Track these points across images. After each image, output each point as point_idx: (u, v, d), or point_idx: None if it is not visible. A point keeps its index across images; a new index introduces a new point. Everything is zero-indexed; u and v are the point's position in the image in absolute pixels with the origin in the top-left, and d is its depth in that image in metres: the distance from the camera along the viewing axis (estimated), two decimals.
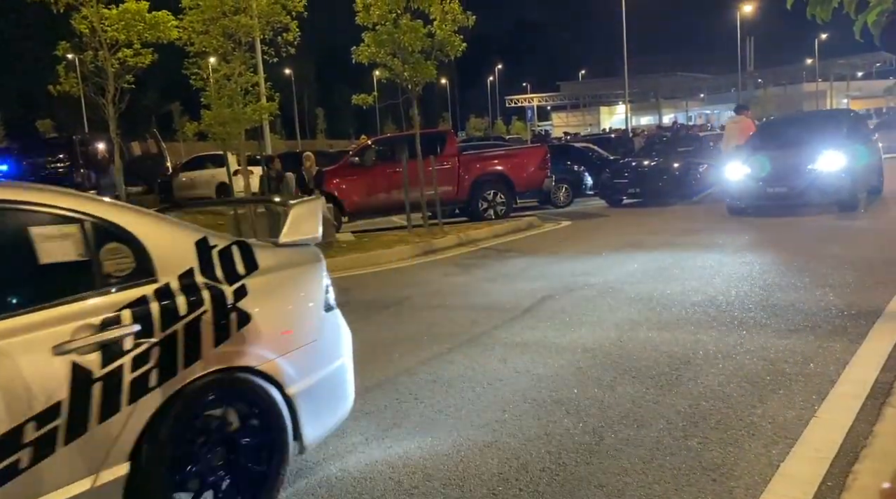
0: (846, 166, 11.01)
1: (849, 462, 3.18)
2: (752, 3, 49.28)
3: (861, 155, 11.51)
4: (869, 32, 2.55)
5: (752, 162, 11.73)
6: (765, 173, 11.41)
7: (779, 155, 11.76)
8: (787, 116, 20.83)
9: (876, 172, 12.84)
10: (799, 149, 11.63)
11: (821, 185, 10.96)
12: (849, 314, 5.51)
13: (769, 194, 11.48)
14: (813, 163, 11.18)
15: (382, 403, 4.45)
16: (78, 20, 10.88)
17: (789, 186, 11.25)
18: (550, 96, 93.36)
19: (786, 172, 11.31)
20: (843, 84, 73.70)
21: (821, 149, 11.30)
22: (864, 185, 11.70)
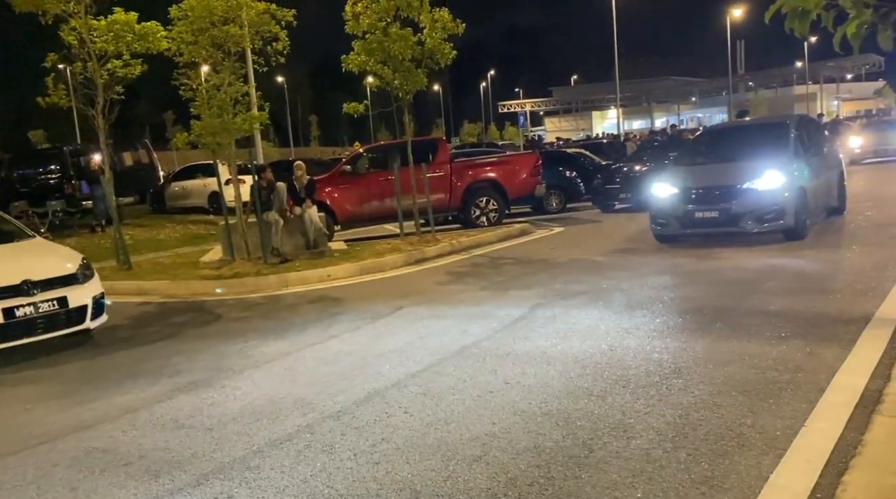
0: (791, 185, 9.10)
1: (838, 472, 3.16)
2: (741, 7, 49.50)
3: (812, 170, 9.78)
4: (849, 44, 2.54)
5: (680, 179, 9.88)
6: (693, 193, 9.49)
7: (710, 171, 10.01)
8: (729, 124, 18.26)
9: (834, 189, 11.06)
10: (734, 164, 9.80)
11: (759, 208, 9.01)
12: None
13: (697, 220, 9.40)
14: (750, 181, 9.19)
15: (371, 417, 4.41)
16: (66, 31, 10.83)
17: (721, 210, 9.19)
18: (543, 102, 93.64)
19: (717, 193, 9.30)
20: (833, 86, 74.09)
21: (760, 164, 9.39)
22: (818, 206, 9.98)
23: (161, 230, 17.80)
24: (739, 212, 9.07)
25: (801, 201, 9.20)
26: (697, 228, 9.56)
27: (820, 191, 10.06)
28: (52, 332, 6.76)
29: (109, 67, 10.87)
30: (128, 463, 4.05)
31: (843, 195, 11.54)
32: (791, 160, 9.57)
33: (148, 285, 10.23)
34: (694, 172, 10.14)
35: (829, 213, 10.89)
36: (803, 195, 9.26)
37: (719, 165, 10.08)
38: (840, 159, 12.00)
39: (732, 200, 9.16)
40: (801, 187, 9.26)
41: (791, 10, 2.43)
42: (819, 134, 11.82)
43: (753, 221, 9.06)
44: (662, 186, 9.88)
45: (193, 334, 7.30)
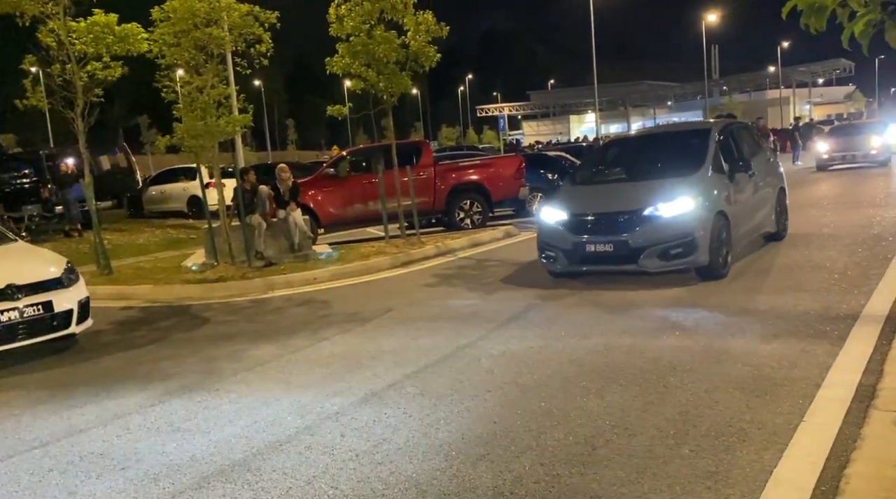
0: (706, 210, 7.30)
1: (840, 466, 3.21)
2: (716, 12, 50.23)
3: (739, 190, 8.10)
4: (857, 42, 2.59)
5: (571, 202, 8.08)
6: (585, 221, 7.69)
7: (609, 192, 8.27)
8: (644, 132, 14.29)
9: (771, 211, 9.17)
10: (638, 183, 8.04)
11: (663, 241, 7.16)
12: None
13: (589, 255, 7.57)
14: (652, 206, 7.31)
15: (371, 418, 4.39)
16: (45, 33, 10.66)
17: (616, 243, 7.35)
18: (521, 106, 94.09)
19: (613, 221, 7.48)
20: (806, 90, 75.40)
21: (668, 183, 7.59)
22: (746, 233, 8.26)
23: (140, 235, 17.58)
24: (638, 245, 7.20)
25: (720, 231, 7.36)
26: (589, 265, 7.69)
27: (749, 215, 8.34)
28: (37, 337, 6.64)
29: (89, 69, 10.73)
30: (125, 467, 3.99)
31: (784, 217, 9.68)
32: (708, 178, 7.71)
33: (130, 290, 10.09)
34: (589, 194, 8.31)
35: (766, 238, 9.22)
36: (723, 223, 7.45)
37: (620, 185, 8.38)
38: (781, 174, 9.98)
39: (630, 230, 7.26)
40: (721, 213, 7.47)
41: (807, 6, 2.46)
42: (753, 144, 9.52)
43: (656, 257, 7.18)
44: (551, 210, 8.03)
45: (181, 338, 7.22)
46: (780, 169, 10.16)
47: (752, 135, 10.00)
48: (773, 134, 32.19)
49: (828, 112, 67.23)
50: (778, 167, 10.14)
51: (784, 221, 9.70)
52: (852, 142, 22.74)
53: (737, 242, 7.90)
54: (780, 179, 9.84)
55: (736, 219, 7.82)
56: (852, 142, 22.74)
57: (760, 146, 9.91)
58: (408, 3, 11.53)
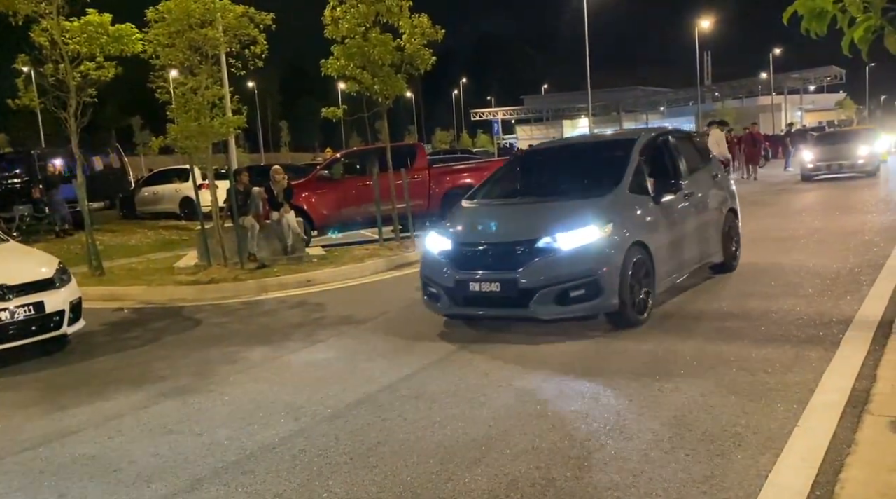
0: (617, 241, 5.91)
1: (835, 471, 3.22)
2: (709, 19, 50.51)
3: (666, 213, 6.65)
4: (857, 48, 2.61)
5: (459, 227, 6.65)
6: (469, 252, 6.20)
7: (503, 216, 6.76)
8: (562, 142, 11.44)
9: (715, 238, 7.66)
10: (538, 206, 6.69)
11: (559, 280, 5.76)
12: None
13: (472, 295, 6.06)
14: (549, 235, 5.90)
15: (366, 420, 4.38)
16: (38, 33, 10.61)
17: (504, 282, 5.87)
18: (515, 110, 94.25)
19: (501, 253, 6.02)
20: (797, 97, 75.84)
21: (571, 207, 6.25)
22: (673, 267, 6.68)
23: (132, 236, 17.49)
24: (530, 286, 5.73)
25: (638, 266, 5.99)
26: (472, 308, 6.20)
27: (682, 245, 6.90)
28: (28, 338, 6.59)
29: (82, 69, 10.68)
30: (117, 469, 3.96)
31: (735, 244, 8.14)
32: (624, 201, 6.34)
33: (122, 291, 10.03)
34: (483, 216, 6.81)
35: (714, 269, 7.87)
36: (642, 256, 6.07)
37: (521, 206, 6.94)
38: (731, 192, 8.40)
39: (521, 265, 5.80)
40: (640, 244, 6.09)
41: (808, 10, 2.48)
42: (695, 158, 7.97)
43: (551, 301, 5.73)
44: (436, 236, 6.54)
45: (173, 340, 7.18)
46: (730, 186, 8.52)
47: (694, 147, 8.37)
48: (766, 140, 32.39)
49: (819, 119, 67.62)
50: (728, 185, 8.48)
51: (735, 248, 8.10)
52: (838, 150, 21.36)
53: (663, 279, 6.41)
54: (729, 199, 8.20)
55: (661, 251, 6.37)
56: (838, 150, 21.36)
57: (706, 160, 8.33)
58: (403, 5, 11.54)
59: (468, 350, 5.77)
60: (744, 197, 17.40)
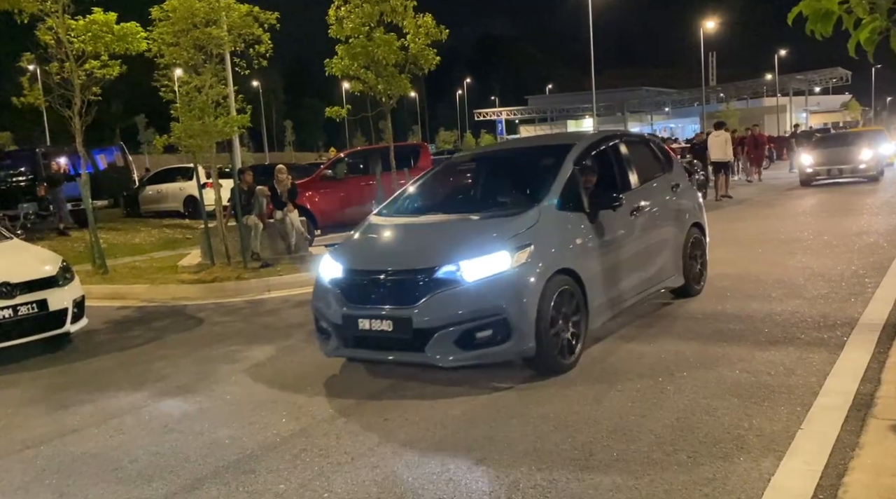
0: (532, 269, 4.85)
1: (838, 474, 3.20)
2: (714, 20, 50.39)
3: (602, 232, 5.57)
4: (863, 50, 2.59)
5: (356, 250, 5.66)
6: (359, 281, 5.12)
7: (406, 236, 5.76)
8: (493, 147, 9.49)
9: (673, 258, 6.63)
10: (445, 224, 5.64)
11: (461, 319, 4.71)
12: None
13: (362, 335, 5.01)
14: (451, 262, 4.84)
15: (367, 421, 4.37)
16: (43, 31, 10.63)
17: (397, 320, 4.83)
18: (518, 110, 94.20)
19: (396, 284, 4.95)
20: (802, 99, 75.66)
21: (480, 227, 5.32)
22: (612, 298, 5.64)
23: (136, 234, 17.52)
24: (426, 325, 4.70)
25: (563, 300, 4.98)
26: (362, 351, 5.16)
27: (626, 269, 5.84)
28: (31, 335, 6.60)
29: (87, 68, 10.70)
30: (118, 468, 3.96)
31: (700, 264, 7.08)
32: (548, 219, 5.23)
33: (125, 289, 10.05)
34: (382, 236, 5.82)
35: (675, 293, 6.87)
36: (569, 287, 5.06)
37: (427, 226, 5.74)
38: (696, 204, 7.34)
39: (416, 299, 4.75)
40: (567, 272, 5.08)
41: (813, 12, 2.46)
42: (650, 165, 6.89)
43: (452, 344, 4.70)
44: (330, 260, 5.42)
45: (176, 339, 7.18)
46: (695, 197, 7.42)
47: (652, 152, 7.16)
48: (770, 142, 32.30)
49: (824, 120, 67.46)
50: (692, 195, 7.37)
51: (700, 269, 7.08)
52: (840, 154, 19.85)
53: (599, 312, 5.42)
54: (693, 212, 7.12)
55: (597, 279, 5.39)
56: (840, 154, 19.85)
57: (666, 168, 7.11)
58: (408, 5, 11.55)
59: None
60: (747, 198, 17.58)
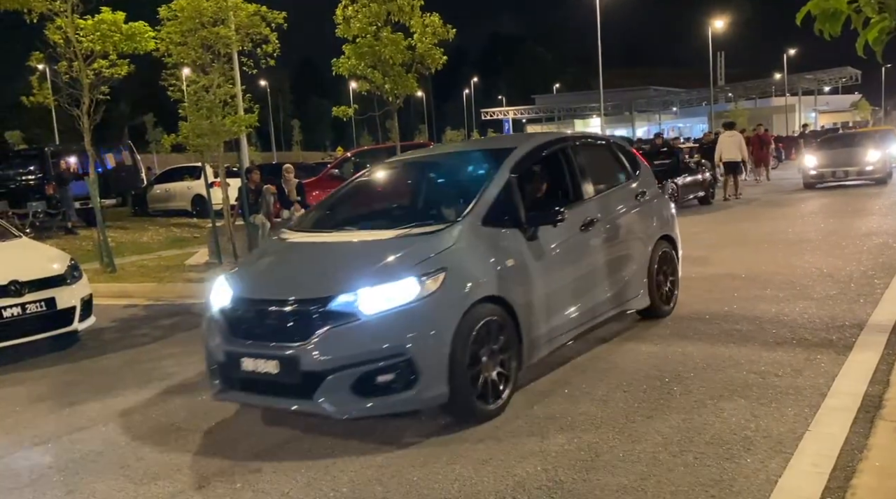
0: (446, 298, 4.10)
1: (846, 477, 3.18)
2: (722, 19, 50.23)
3: (543, 251, 4.83)
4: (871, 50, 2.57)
5: (248, 273, 4.89)
6: (244, 313, 4.37)
7: (305, 257, 4.89)
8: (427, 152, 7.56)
9: (638, 273, 5.90)
10: (344, 247, 4.80)
11: (357, 359, 3.94)
12: None
13: (246, 377, 4.23)
14: (348, 290, 4.08)
15: (374, 419, 4.36)
16: (52, 30, 10.69)
17: (284, 360, 4.04)
18: (526, 109, 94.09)
19: (282, 317, 4.19)
20: (811, 98, 75.29)
21: (389, 246, 4.44)
22: (555, 328, 4.86)
23: (144, 233, 17.60)
24: (317, 367, 3.93)
25: (487, 332, 4.23)
26: (249, 395, 4.34)
27: (575, 291, 5.10)
28: (39, 333, 6.64)
29: (95, 67, 10.75)
30: (125, 465, 3.98)
31: (667, 282, 6.30)
32: (470, 238, 4.45)
33: (133, 288, 10.09)
34: (283, 256, 5.03)
35: (641, 314, 6.13)
36: (496, 317, 4.30)
37: (332, 244, 4.89)
38: (667, 215, 6.51)
39: (306, 335, 4.00)
40: (492, 300, 4.30)
41: (821, 11, 2.45)
42: (609, 171, 6.16)
43: (347, 390, 3.92)
44: (223, 285, 4.60)
45: (183, 338, 7.20)
46: (665, 207, 6.58)
47: (613, 157, 6.38)
48: (779, 142, 32.15)
49: (833, 120, 67.14)
50: (663, 205, 6.53)
51: (669, 287, 6.32)
52: (845, 156, 18.72)
53: (538, 345, 4.67)
54: (661, 224, 6.32)
55: (534, 307, 4.61)
56: (845, 156, 18.72)
57: (631, 174, 6.30)
58: (415, 4, 11.55)
59: None
60: (755, 199, 17.51)
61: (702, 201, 17.13)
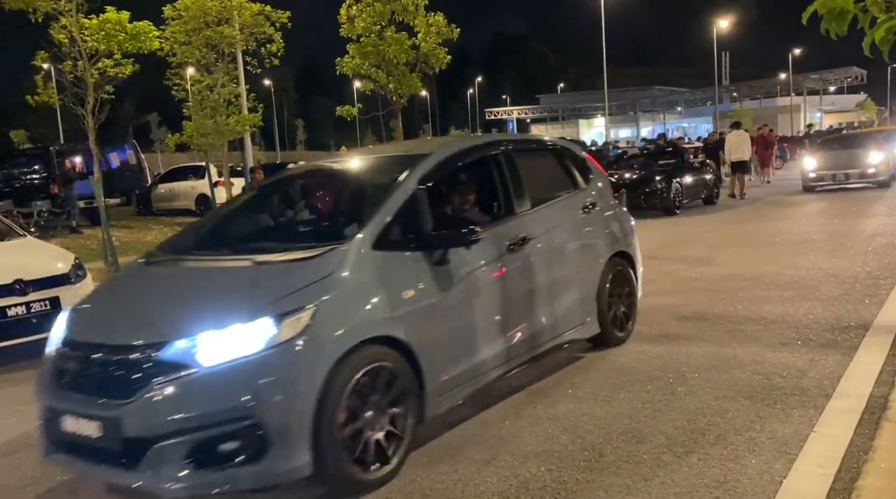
0: (304, 346, 3.23)
1: (851, 478, 3.16)
2: (727, 18, 50.14)
3: (452, 279, 3.99)
4: (878, 49, 2.56)
5: (84, 311, 3.95)
6: (70, 360, 3.55)
7: (146, 294, 3.98)
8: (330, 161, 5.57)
9: (586, 295, 5.18)
10: (196, 277, 3.99)
11: (193, 424, 3.10)
12: None
13: (68, 439, 3.39)
14: (186, 335, 3.24)
15: None
16: (57, 30, 10.73)
17: (106, 422, 3.20)
18: (530, 109, 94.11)
19: (109, 367, 3.32)
20: (817, 98, 75.14)
21: (237, 282, 3.69)
22: (469, 368, 4.07)
23: (148, 232, 17.63)
24: (143, 432, 3.13)
25: (372, 382, 3.50)
26: (72, 460, 3.48)
27: (499, 324, 4.31)
28: (43, 332, 6.58)
29: (100, 67, 10.79)
30: None
31: (622, 304, 5.55)
32: (354, 265, 3.63)
33: None
34: (131, 288, 4.21)
35: (594, 342, 5.39)
36: (387, 363, 3.57)
37: (187, 274, 4.09)
38: (623, 228, 5.74)
39: (131, 392, 3.18)
40: (380, 341, 3.57)
41: (828, 10, 2.44)
42: (546, 180, 5.35)
43: (177, 463, 3.11)
44: (61, 322, 3.89)
45: None
46: (621, 220, 5.78)
47: (557, 163, 5.53)
48: (784, 142, 32.08)
49: (839, 120, 66.95)
50: (618, 218, 5.73)
51: (624, 310, 5.57)
52: (846, 158, 17.92)
53: (446, 391, 3.89)
54: (616, 239, 5.59)
55: (440, 346, 3.85)
56: (846, 158, 17.92)
57: (579, 183, 5.51)
58: (419, 4, 11.57)
59: None
60: (759, 199, 17.47)
61: (706, 201, 17.11)
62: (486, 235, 4.22)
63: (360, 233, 3.75)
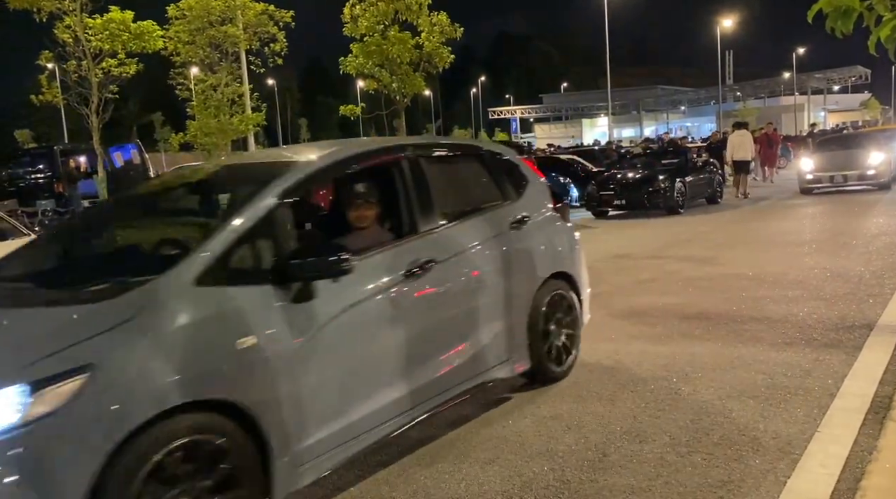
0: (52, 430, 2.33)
1: (855, 478, 3.16)
2: (731, 17, 50.07)
3: (319, 319, 3.15)
4: (883, 48, 2.55)
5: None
6: None
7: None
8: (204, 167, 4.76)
9: (498, 329, 4.24)
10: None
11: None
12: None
13: None
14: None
15: None
16: (61, 30, 10.77)
17: None
18: (533, 108, 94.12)
19: None
20: (821, 97, 74.98)
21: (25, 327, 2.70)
22: (345, 427, 3.28)
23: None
24: None
25: (193, 467, 2.64)
26: None
27: (383, 373, 3.51)
28: None
29: (104, 66, 10.82)
30: None
31: (561, 334, 4.75)
32: (165, 308, 2.74)
33: None
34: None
35: (529, 377, 4.62)
36: (212, 437, 2.70)
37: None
38: (566, 245, 5.00)
39: None
40: (218, 406, 2.76)
41: (833, 9, 2.43)
42: (467, 190, 4.62)
43: None
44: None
45: None
46: (562, 235, 5.02)
47: (482, 170, 4.72)
48: (788, 141, 31.99)
49: (843, 120, 66.80)
50: (558, 233, 4.97)
51: (564, 342, 4.78)
52: (845, 159, 17.20)
53: (303, 465, 3.09)
54: (554, 258, 4.80)
55: (298, 406, 3.06)
56: (845, 159, 17.20)
57: (510, 194, 4.70)
58: (422, 3, 11.57)
59: None
60: (763, 198, 17.44)
61: (710, 201, 17.09)
62: (374, 261, 3.54)
63: (180, 265, 2.89)
